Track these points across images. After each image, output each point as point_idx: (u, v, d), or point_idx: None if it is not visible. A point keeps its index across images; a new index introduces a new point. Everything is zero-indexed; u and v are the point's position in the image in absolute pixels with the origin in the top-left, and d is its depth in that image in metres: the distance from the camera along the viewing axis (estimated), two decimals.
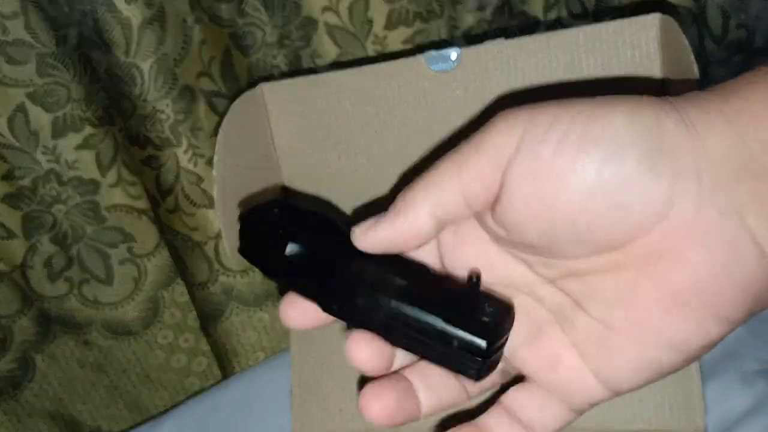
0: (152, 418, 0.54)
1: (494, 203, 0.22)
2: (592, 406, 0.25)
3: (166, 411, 0.54)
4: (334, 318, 0.26)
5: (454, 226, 0.25)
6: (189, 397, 0.54)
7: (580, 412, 0.25)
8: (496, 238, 0.24)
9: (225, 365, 0.53)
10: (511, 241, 0.23)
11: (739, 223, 0.19)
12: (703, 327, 0.20)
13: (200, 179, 0.45)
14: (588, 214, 0.20)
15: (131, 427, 0.55)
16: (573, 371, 0.24)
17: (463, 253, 0.25)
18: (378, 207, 0.25)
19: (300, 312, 0.27)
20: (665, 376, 0.22)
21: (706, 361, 0.41)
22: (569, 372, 0.24)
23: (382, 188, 0.39)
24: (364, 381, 0.40)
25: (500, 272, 0.25)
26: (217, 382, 0.54)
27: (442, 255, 0.26)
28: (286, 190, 0.41)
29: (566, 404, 0.25)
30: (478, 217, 0.24)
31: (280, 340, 0.53)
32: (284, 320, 0.27)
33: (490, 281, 0.25)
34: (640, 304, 0.21)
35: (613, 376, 0.23)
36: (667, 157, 0.19)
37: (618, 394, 0.23)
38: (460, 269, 0.26)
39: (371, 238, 0.24)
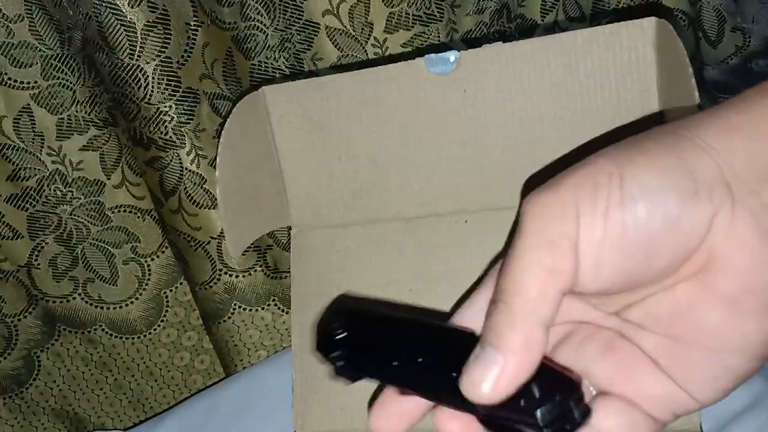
0: (156, 415, 0.55)
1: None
2: (678, 416, 0.24)
3: (169, 408, 0.54)
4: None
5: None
6: (192, 395, 0.54)
7: (665, 424, 0.24)
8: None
9: (227, 363, 0.53)
10: (584, 295, 0.23)
11: None
12: (763, 324, 0.21)
13: (203, 180, 0.46)
14: (651, 254, 0.21)
15: (135, 424, 0.55)
16: (650, 379, 0.24)
17: None
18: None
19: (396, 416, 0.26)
20: (744, 381, 0.23)
21: None
22: (647, 377, 0.24)
23: (383, 189, 0.40)
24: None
25: (563, 317, 0.25)
26: (220, 380, 0.54)
27: None
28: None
29: (648, 415, 0.24)
30: None
31: (281, 339, 0.53)
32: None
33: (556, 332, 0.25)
34: (700, 314, 0.22)
35: (693, 386, 0.23)
36: (700, 183, 0.20)
37: (704, 405, 0.23)
38: None
39: (502, 387, 0.22)
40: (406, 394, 0.26)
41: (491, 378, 0.21)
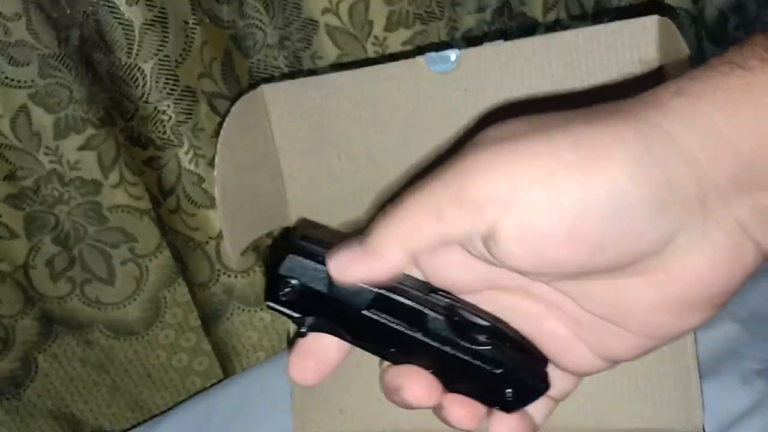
0: (154, 417, 0.54)
1: (482, 240, 0.21)
2: (590, 374, 0.25)
3: (167, 410, 0.54)
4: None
5: None
6: (190, 397, 0.54)
7: (579, 378, 0.26)
8: (483, 259, 0.23)
9: (226, 365, 0.53)
10: (502, 266, 0.22)
11: (741, 234, 0.20)
12: (705, 318, 0.21)
13: (201, 180, 0.45)
14: (594, 256, 0.20)
15: (133, 426, 0.55)
16: (571, 351, 0.24)
17: (444, 261, 0.23)
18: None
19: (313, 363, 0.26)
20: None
21: (705, 360, 0.41)
22: (567, 351, 0.24)
23: (382, 189, 0.40)
24: (364, 380, 0.41)
25: (487, 283, 0.24)
26: (219, 382, 0.54)
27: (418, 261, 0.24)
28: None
29: (564, 373, 0.25)
30: None
31: (280, 340, 0.53)
32: (297, 374, 0.26)
33: (475, 286, 0.24)
34: (641, 308, 0.21)
35: (614, 356, 0.24)
36: (676, 197, 0.19)
37: (616, 363, 0.24)
38: (439, 276, 0.24)
39: (345, 272, 0.24)
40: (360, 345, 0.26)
41: (340, 260, 0.24)
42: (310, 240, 0.25)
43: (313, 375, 0.26)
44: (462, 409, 0.25)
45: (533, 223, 0.19)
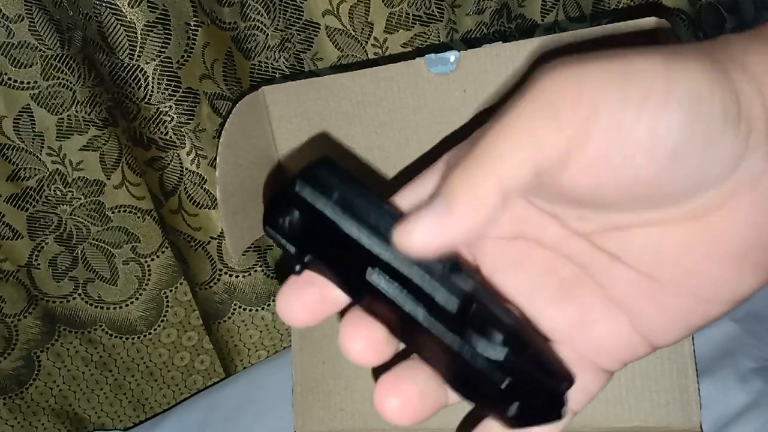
0: (156, 415, 0.55)
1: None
2: (626, 364, 0.23)
3: (169, 408, 0.54)
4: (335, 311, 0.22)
5: None
6: (192, 395, 0.54)
7: (611, 374, 0.23)
8: (532, 194, 0.21)
9: (227, 363, 0.53)
10: (552, 198, 0.20)
11: None
12: (757, 278, 0.20)
13: (203, 180, 0.46)
14: (663, 173, 0.18)
15: (135, 425, 0.55)
16: (608, 328, 0.22)
17: None
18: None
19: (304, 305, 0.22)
20: (698, 329, 0.21)
21: (703, 358, 0.42)
22: (605, 329, 0.22)
23: (382, 189, 0.40)
24: (365, 378, 0.41)
25: (522, 226, 0.22)
26: (220, 380, 0.54)
27: None
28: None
29: (597, 368, 0.23)
30: None
31: (281, 339, 0.53)
32: (286, 315, 0.22)
33: (509, 235, 0.22)
34: (697, 258, 0.20)
35: (656, 329, 0.21)
36: (744, 111, 0.18)
37: (656, 349, 0.22)
38: None
39: (432, 242, 0.19)
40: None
41: (424, 227, 0.19)
42: (329, 166, 0.21)
43: (306, 312, 0.22)
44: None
45: (623, 119, 0.18)
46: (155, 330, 0.53)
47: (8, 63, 0.43)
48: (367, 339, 0.22)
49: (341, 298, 0.22)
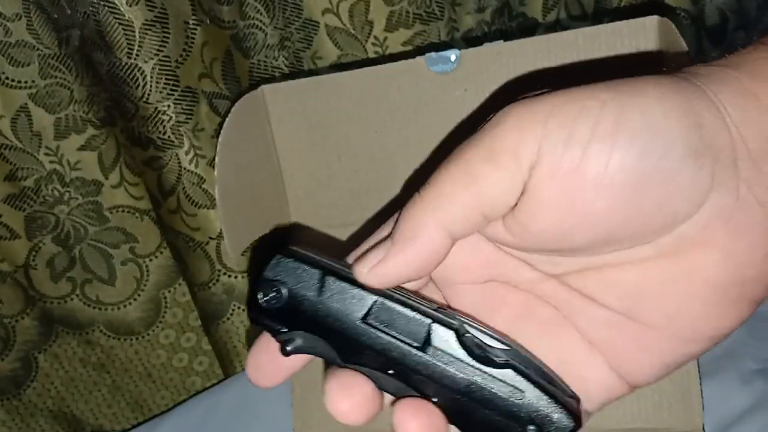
0: (154, 417, 0.54)
1: (510, 211, 0.20)
2: (603, 405, 0.23)
3: (167, 410, 0.54)
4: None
5: None
6: (191, 397, 0.54)
7: (590, 414, 0.23)
8: (497, 241, 0.21)
9: (226, 365, 0.53)
10: (519, 245, 0.21)
11: None
12: (741, 313, 0.19)
13: (202, 180, 0.45)
14: (623, 212, 0.18)
15: (133, 426, 0.55)
16: (584, 370, 0.22)
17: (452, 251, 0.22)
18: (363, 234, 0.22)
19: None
20: (681, 366, 0.21)
21: (705, 360, 0.41)
22: (583, 370, 0.22)
23: (383, 189, 0.40)
24: None
25: (494, 270, 0.22)
26: (219, 382, 0.54)
27: None
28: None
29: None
30: None
31: None
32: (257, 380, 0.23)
33: (480, 279, 0.23)
34: (676, 297, 0.19)
35: (635, 370, 0.21)
36: (708, 146, 0.17)
37: (634, 389, 0.22)
38: (450, 268, 0.22)
39: (381, 273, 0.21)
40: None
41: (372, 261, 0.21)
42: (301, 246, 0.23)
43: (270, 376, 0.23)
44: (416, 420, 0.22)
45: (568, 160, 0.18)
46: (153, 331, 0.53)
47: (6, 62, 0.43)
48: (353, 398, 0.22)
49: (297, 364, 0.23)
